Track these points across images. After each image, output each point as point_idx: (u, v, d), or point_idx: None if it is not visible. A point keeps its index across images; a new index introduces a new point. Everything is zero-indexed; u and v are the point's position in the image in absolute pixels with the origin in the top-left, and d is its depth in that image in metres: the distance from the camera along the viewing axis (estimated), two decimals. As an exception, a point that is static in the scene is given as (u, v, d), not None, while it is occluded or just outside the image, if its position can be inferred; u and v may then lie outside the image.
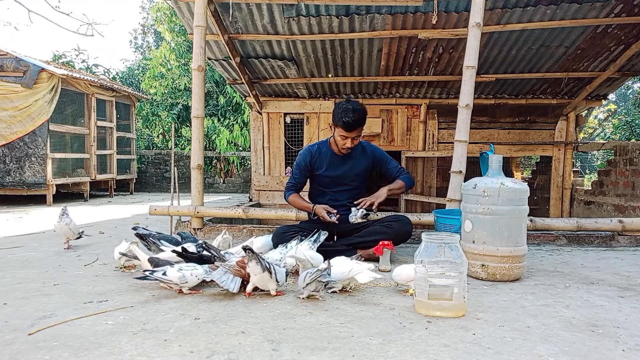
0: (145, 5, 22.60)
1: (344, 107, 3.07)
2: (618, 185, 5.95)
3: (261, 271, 2.18)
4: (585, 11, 4.68)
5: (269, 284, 2.24)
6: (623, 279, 2.68)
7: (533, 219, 3.67)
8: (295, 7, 4.75)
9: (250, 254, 2.17)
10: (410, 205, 6.96)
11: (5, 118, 7.43)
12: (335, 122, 3.13)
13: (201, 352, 1.58)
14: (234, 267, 2.28)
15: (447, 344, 1.66)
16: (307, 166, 3.33)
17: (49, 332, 1.77)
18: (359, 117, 3.07)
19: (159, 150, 12.47)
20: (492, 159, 2.70)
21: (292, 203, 3.38)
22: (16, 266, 2.97)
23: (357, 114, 3.05)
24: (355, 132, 3.11)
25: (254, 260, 2.17)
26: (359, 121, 3.08)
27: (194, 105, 4.10)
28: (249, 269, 2.22)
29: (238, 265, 2.28)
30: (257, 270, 2.18)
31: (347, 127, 3.08)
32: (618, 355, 1.59)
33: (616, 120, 15.61)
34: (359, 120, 3.08)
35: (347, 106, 3.07)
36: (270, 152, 6.99)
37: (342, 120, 3.07)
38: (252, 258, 2.17)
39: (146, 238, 2.83)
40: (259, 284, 2.26)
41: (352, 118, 3.05)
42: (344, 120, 3.05)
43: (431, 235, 2.07)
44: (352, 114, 3.04)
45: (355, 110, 3.05)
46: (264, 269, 2.18)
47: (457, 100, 3.99)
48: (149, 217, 5.31)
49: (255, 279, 2.23)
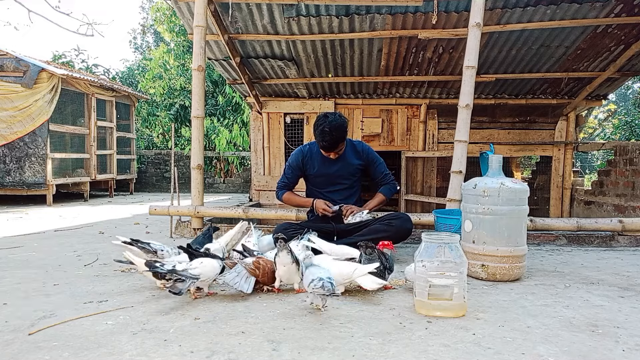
0: (145, 5, 22.63)
1: (321, 129, 3.06)
2: (618, 185, 5.95)
3: (291, 262, 2.17)
4: (585, 11, 4.68)
5: (295, 276, 2.23)
6: (623, 279, 2.68)
7: (533, 219, 3.67)
8: (295, 7, 4.75)
9: (282, 243, 2.15)
10: (410, 205, 6.96)
11: (5, 118, 7.43)
12: (316, 140, 3.17)
13: (201, 352, 1.58)
14: (250, 266, 2.27)
15: (447, 344, 1.66)
16: (299, 166, 3.35)
17: (49, 332, 1.77)
18: (336, 138, 3.08)
19: (159, 150, 12.47)
20: (492, 159, 2.69)
21: (286, 200, 3.39)
22: (16, 266, 2.97)
23: (334, 134, 3.05)
24: (334, 150, 3.16)
25: (285, 250, 2.15)
26: (337, 141, 3.10)
27: (193, 105, 4.10)
28: (277, 259, 2.20)
29: (254, 265, 2.27)
30: (287, 260, 2.17)
31: (325, 150, 3.17)
32: (618, 355, 1.59)
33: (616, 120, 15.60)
34: (337, 141, 3.10)
35: (323, 127, 3.05)
36: (270, 152, 6.99)
37: (320, 144, 3.13)
38: (283, 248, 2.15)
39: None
40: (285, 277, 2.24)
41: (329, 142, 3.08)
42: (322, 144, 3.11)
43: (431, 235, 2.07)
44: (328, 137, 3.05)
45: (332, 131, 3.04)
46: (293, 261, 2.17)
47: (457, 100, 3.99)
48: (149, 217, 5.31)
49: (283, 270, 2.21)
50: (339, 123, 3.07)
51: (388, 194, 3.41)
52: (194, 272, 2.12)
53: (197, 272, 2.13)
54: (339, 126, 3.07)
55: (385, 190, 3.41)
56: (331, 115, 3.10)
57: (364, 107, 6.86)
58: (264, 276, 2.26)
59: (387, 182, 3.41)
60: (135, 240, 2.57)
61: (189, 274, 2.10)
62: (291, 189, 3.42)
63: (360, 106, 6.85)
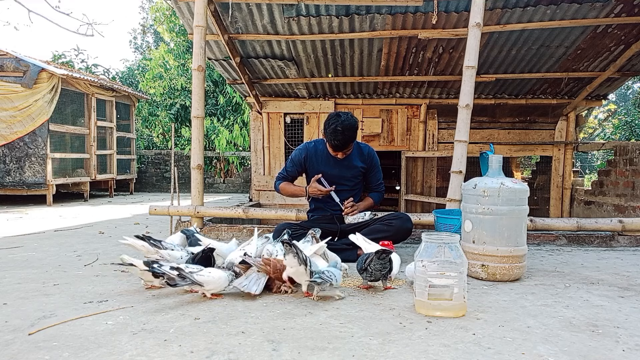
0: (145, 5, 22.63)
1: (333, 128, 3.05)
2: (618, 185, 5.95)
3: (298, 264, 2.17)
4: (585, 11, 4.67)
5: (303, 277, 2.24)
6: (623, 279, 2.68)
7: (533, 219, 3.67)
8: (295, 7, 4.75)
9: (287, 247, 2.17)
10: (410, 205, 6.96)
11: (5, 118, 7.43)
12: (326, 138, 3.16)
13: (201, 352, 1.58)
14: (260, 262, 2.28)
15: (447, 344, 1.66)
16: (301, 162, 3.35)
17: (49, 332, 1.77)
18: (348, 137, 3.08)
19: (159, 150, 12.47)
20: (492, 159, 2.69)
21: (282, 190, 3.40)
22: (16, 266, 2.97)
23: (346, 134, 3.06)
24: (344, 150, 3.16)
25: (291, 254, 2.17)
26: (348, 141, 3.11)
27: (194, 105, 4.10)
28: (285, 262, 2.21)
29: (263, 261, 2.29)
30: (294, 263, 2.18)
31: (335, 149, 3.16)
32: (618, 355, 1.59)
33: (616, 120, 15.61)
34: (348, 141, 3.10)
35: (336, 127, 3.05)
36: (270, 152, 6.99)
37: (331, 142, 3.12)
38: (289, 251, 2.17)
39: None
40: (295, 277, 2.26)
41: (340, 141, 3.08)
42: (333, 143, 3.10)
43: (431, 235, 2.06)
44: (340, 136, 3.06)
45: (345, 130, 3.04)
46: (301, 262, 2.17)
47: (457, 100, 3.99)
48: (149, 217, 5.31)
49: (291, 271, 2.22)
50: (350, 123, 3.07)
51: (377, 200, 3.47)
52: (199, 278, 2.15)
53: (201, 279, 2.15)
54: (351, 126, 3.08)
55: (375, 196, 3.46)
56: (343, 114, 3.10)
57: (364, 107, 6.86)
58: (275, 272, 2.27)
59: (379, 190, 3.48)
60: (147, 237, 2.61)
61: (194, 278, 2.13)
62: (289, 182, 3.43)
63: (360, 106, 6.86)
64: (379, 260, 2.27)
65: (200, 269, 2.22)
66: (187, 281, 2.12)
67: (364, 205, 3.36)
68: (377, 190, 3.46)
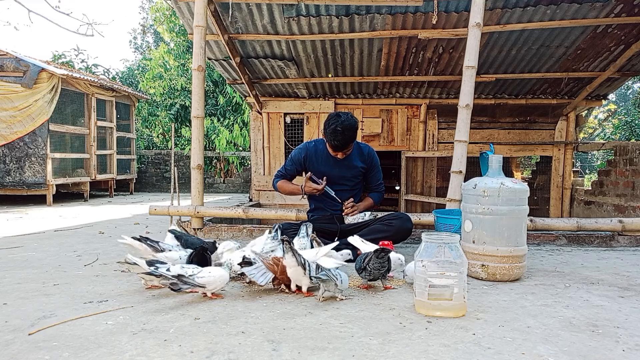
0: (145, 5, 22.63)
1: (333, 128, 3.05)
2: (618, 185, 5.95)
3: (296, 264, 2.18)
4: (585, 11, 4.68)
5: (302, 279, 2.24)
6: (623, 279, 2.68)
7: (533, 219, 3.66)
8: (295, 7, 4.75)
9: (286, 245, 2.18)
10: (410, 205, 6.96)
11: (5, 118, 7.43)
12: (326, 139, 3.16)
13: (201, 352, 1.58)
14: (268, 261, 2.28)
15: (447, 344, 1.66)
16: (300, 161, 3.35)
17: (49, 332, 1.77)
18: (348, 138, 3.08)
19: (159, 150, 12.47)
20: (492, 159, 2.69)
21: (279, 187, 3.41)
22: (16, 266, 2.97)
23: (346, 134, 3.06)
24: (344, 150, 3.16)
25: (289, 253, 2.17)
26: (348, 141, 3.11)
27: (193, 105, 4.10)
28: (284, 261, 2.22)
29: (272, 261, 2.29)
30: (291, 263, 2.18)
31: (335, 149, 3.16)
32: (618, 355, 1.59)
33: (616, 120, 15.61)
34: (348, 141, 3.10)
35: (335, 127, 3.04)
36: (270, 152, 6.99)
37: (331, 143, 3.12)
38: (288, 250, 2.17)
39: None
40: (294, 279, 2.27)
41: (340, 141, 3.08)
42: (333, 143, 3.10)
43: (431, 235, 2.06)
44: (340, 137, 3.06)
45: (345, 131, 3.04)
46: (299, 263, 2.18)
47: (457, 100, 3.99)
48: (149, 217, 5.31)
49: (290, 272, 2.23)
50: (350, 123, 3.08)
51: (377, 200, 3.47)
52: (200, 280, 2.15)
53: (202, 281, 2.15)
54: (351, 126, 3.08)
55: (375, 196, 3.46)
56: (343, 115, 3.10)
57: (364, 107, 6.86)
58: (282, 273, 2.27)
59: (379, 190, 3.48)
60: (145, 237, 2.61)
61: (195, 282, 2.13)
62: (287, 180, 3.44)
63: (360, 106, 6.86)
64: (378, 259, 2.27)
65: (199, 269, 2.22)
66: (188, 286, 2.13)
67: (364, 205, 3.36)
68: (377, 191, 3.46)
